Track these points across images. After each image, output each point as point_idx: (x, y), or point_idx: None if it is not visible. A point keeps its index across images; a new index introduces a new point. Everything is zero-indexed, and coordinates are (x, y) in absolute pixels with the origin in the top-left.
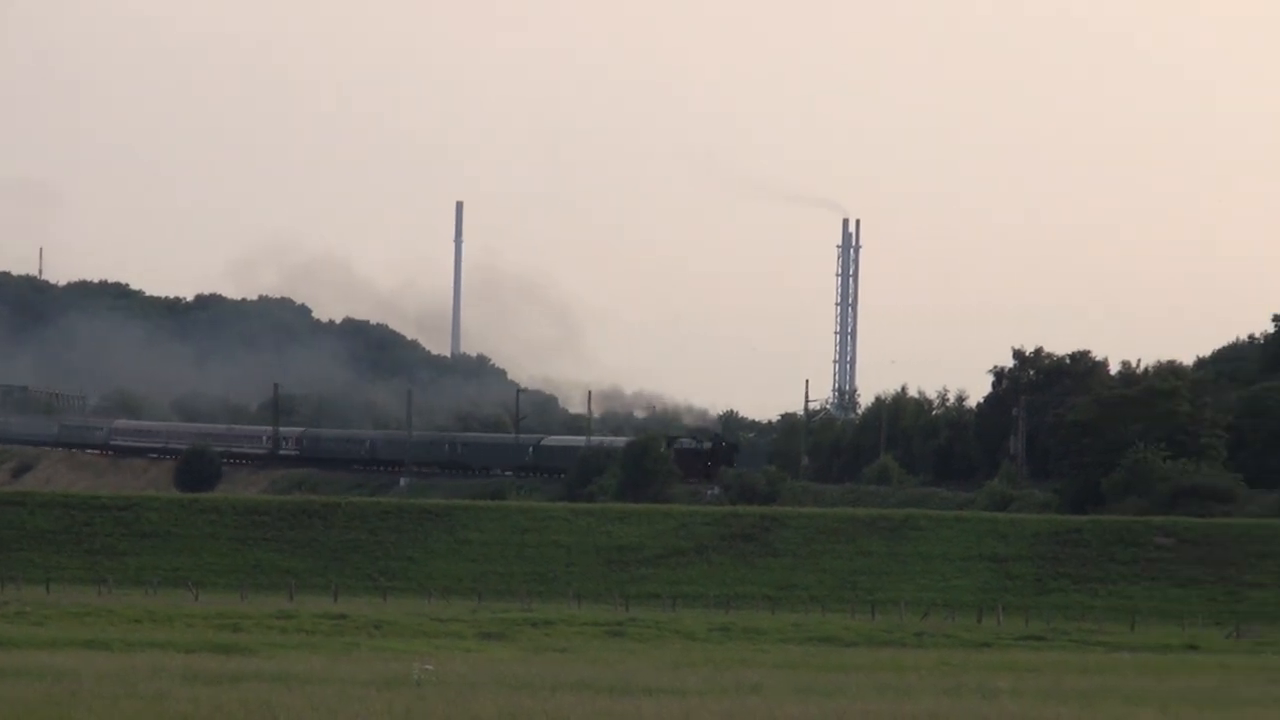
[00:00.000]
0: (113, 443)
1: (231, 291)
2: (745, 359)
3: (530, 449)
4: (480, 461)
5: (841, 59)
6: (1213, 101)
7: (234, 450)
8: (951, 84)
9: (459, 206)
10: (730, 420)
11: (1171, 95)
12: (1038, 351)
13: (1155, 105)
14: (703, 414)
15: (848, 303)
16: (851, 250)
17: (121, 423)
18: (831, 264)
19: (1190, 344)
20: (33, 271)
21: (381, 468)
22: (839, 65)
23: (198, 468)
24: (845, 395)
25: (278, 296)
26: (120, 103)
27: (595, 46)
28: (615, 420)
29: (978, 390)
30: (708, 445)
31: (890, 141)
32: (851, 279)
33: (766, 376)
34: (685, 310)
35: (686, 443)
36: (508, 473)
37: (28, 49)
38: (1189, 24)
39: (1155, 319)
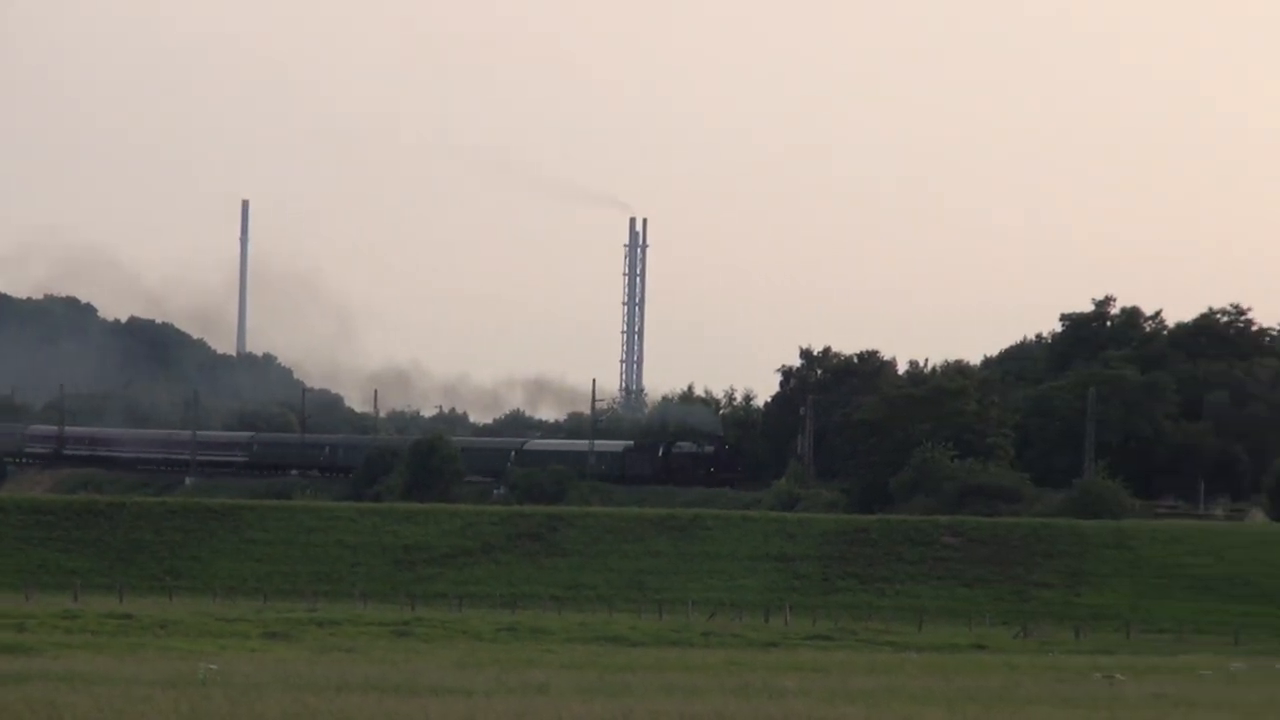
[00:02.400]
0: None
1: (19, 290)
2: (533, 358)
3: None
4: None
5: (627, 58)
6: (1001, 101)
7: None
8: (736, 82)
9: (245, 205)
10: (517, 419)
11: (956, 95)
12: (825, 351)
13: (945, 105)
14: (495, 401)
15: (635, 302)
16: (639, 249)
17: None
18: (618, 263)
19: (978, 344)
20: None
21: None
22: (624, 64)
23: None
24: (633, 394)
25: (63, 295)
26: None
27: (382, 44)
28: (402, 420)
29: (765, 389)
30: (709, 449)
31: (676, 140)
32: (639, 278)
33: (557, 375)
34: (474, 309)
35: (686, 446)
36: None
37: None
38: (952, 25)
39: (943, 319)
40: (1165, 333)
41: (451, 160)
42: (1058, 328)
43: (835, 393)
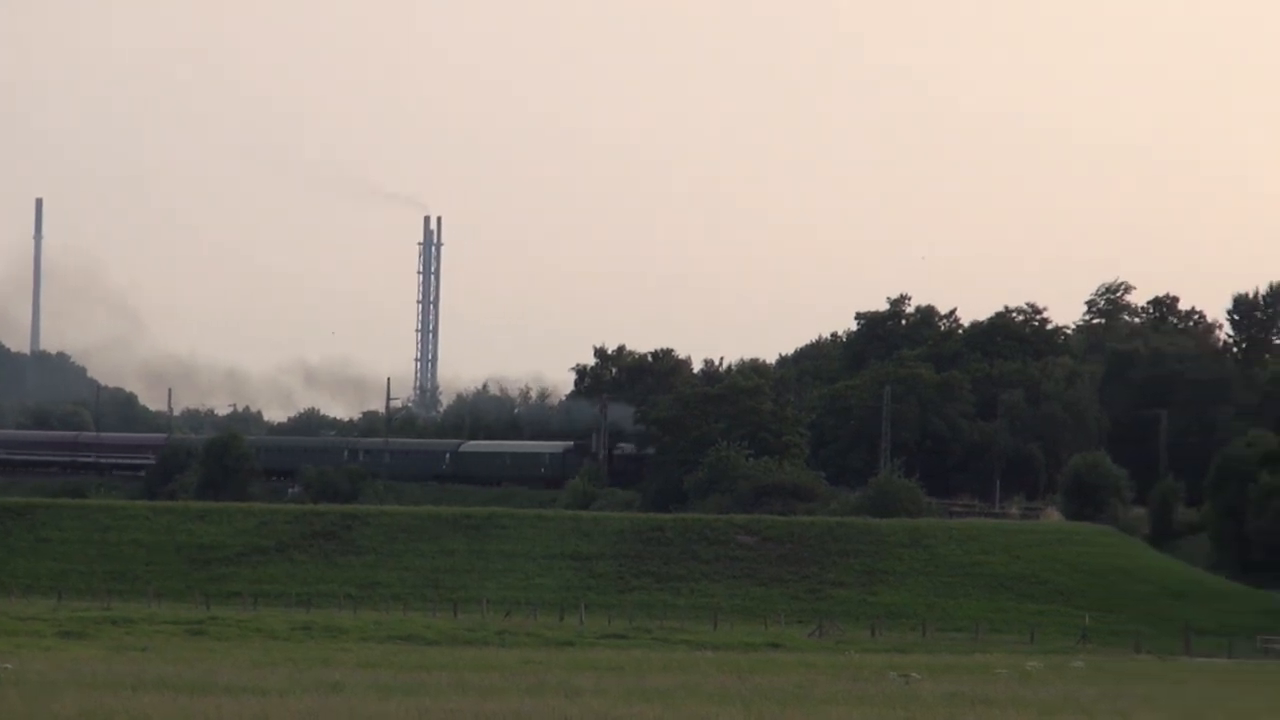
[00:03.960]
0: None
1: None
2: (327, 355)
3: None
4: None
5: (422, 57)
6: (796, 101)
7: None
8: (530, 82)
9: (39, 203)
10: (311, 418)
11: (750, 95)
12: (620, 349)
13: (740, 105)
14: (288, 399)
15: (429, 300)
16: (433, 248)
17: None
18: (413, 261)
19: (773, 342)
20: None
21: None
22: (420, 63)
23: None
24: (427, 393)
25: None
26: None
27: (172, 39)
28: (196, 419)
29: (562, 388)
30: (651, 450)
31: (472, 140)
32: (434, 276)
33: (352, 373)
34: (266, 307)
35: (626, 448)
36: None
37: None
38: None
39: (739, 317)
40: (960, 331)
41: (243, 158)
42: (853, 326)
43: (630, 391)
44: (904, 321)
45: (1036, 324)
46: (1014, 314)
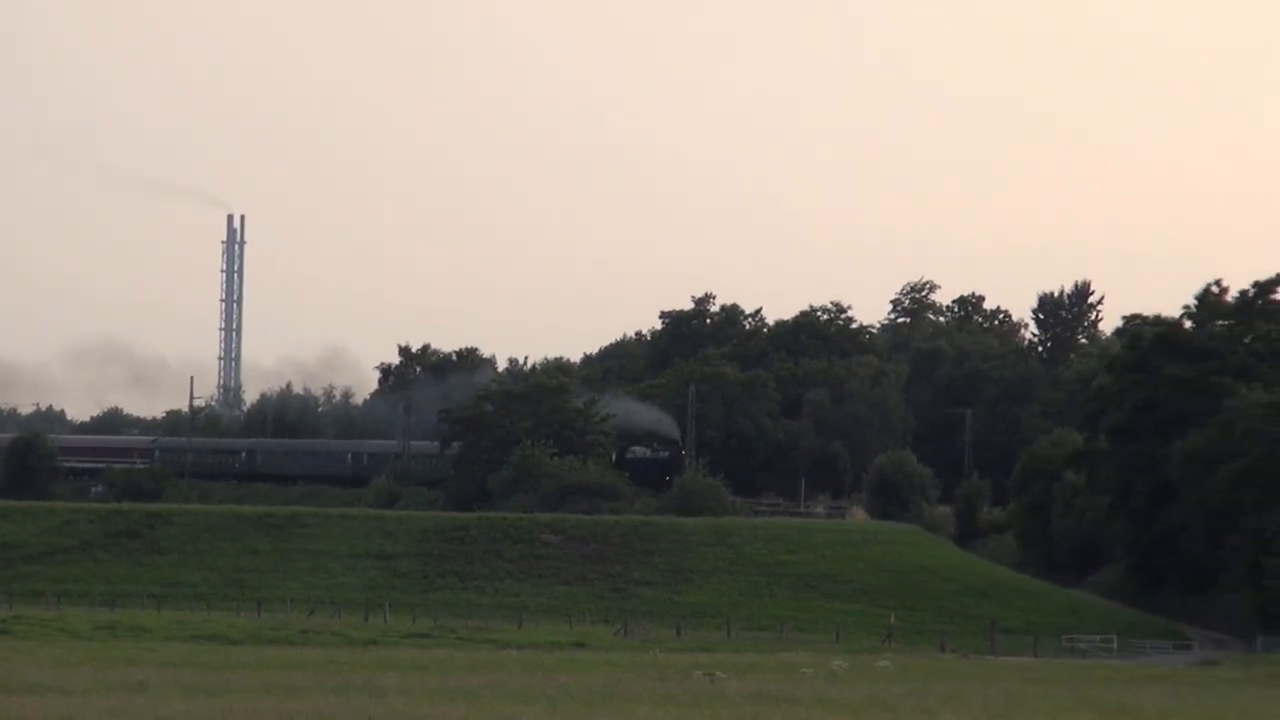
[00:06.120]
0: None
1: None
2: (128, 354)
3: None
4: None
5: (222, 53)
6: (599, 101)
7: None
8: (333, 82)
9: None
10: (114, 417)
11: (557, 96)
12: (425, 348)
13: (543, 105)
14: (93, 398)
15: (233, 299)
16: (237, 246)
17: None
18: (216, 260)
19: (578, 341)
20: None
21: None
22: (219, 59)
23: None
24: (231, 392)
25: None
26: None
27: None
28: None
29: (368, 387)
30: (665, 454)
31: (274, 137)
32: (237, 275)
33: (154, 372)
34: (70, 309)
35: (639, 451)
36: None
37: None
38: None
39: (543, 316)
40: (765, 330)
41: (37, 157)
42: (658, 325)
43: (435, 389)
44: (709, 320)
45: (841, 323)
46: (819, 313)
